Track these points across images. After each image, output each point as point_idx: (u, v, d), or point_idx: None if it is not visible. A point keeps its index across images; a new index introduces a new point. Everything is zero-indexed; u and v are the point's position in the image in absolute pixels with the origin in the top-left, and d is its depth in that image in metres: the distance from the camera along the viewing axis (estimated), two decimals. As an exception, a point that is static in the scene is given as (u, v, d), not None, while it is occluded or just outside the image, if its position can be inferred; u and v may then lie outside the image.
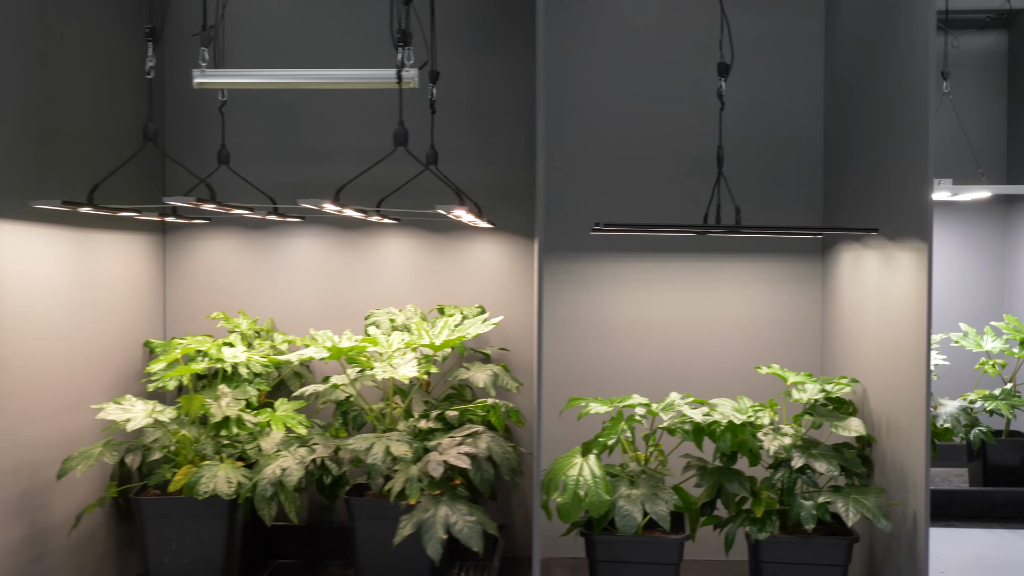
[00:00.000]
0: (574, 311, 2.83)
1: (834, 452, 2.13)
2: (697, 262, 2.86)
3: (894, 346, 2.27)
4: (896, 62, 2.35)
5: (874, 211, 2.55)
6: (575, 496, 2.04)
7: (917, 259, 2.16)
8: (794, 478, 2.12)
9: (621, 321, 2.85)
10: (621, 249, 2.84)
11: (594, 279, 2.83)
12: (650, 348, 2.84)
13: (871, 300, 2.48)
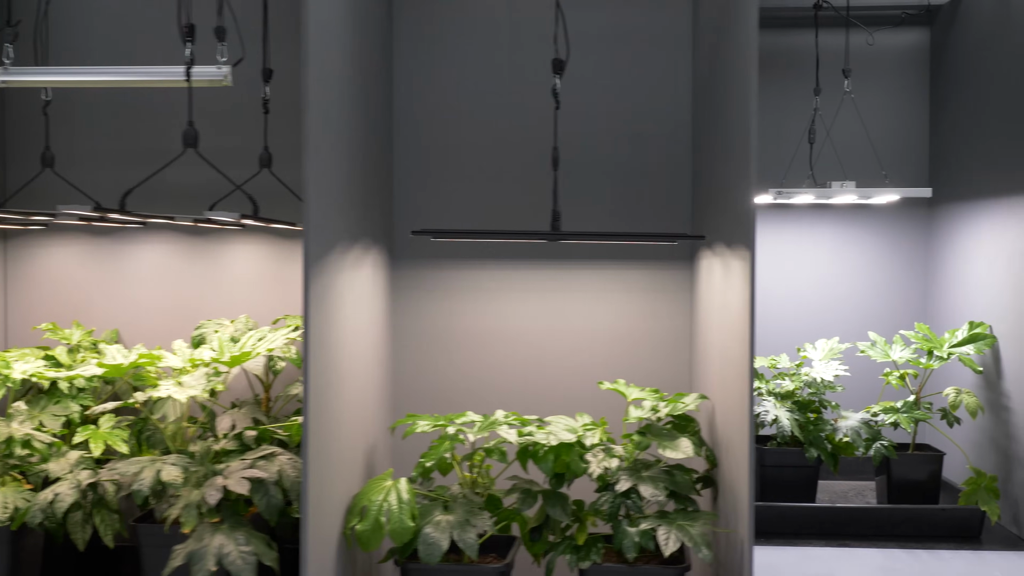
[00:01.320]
0: (427, 322, 2.72)
1: (664, 475, 2.00)
2: (562, 270, 2.74)
3: (728, 359, 2.15)
4: (728, 60, 2.24)
5: (715, 216, 2.45)
6: (376, 523, 1.93)
7: (743, 267, 2.04)
8: (618, 503, 1.99)
9: (480, 332, 2.73)
10: (479, 256, 2.72)
11: (450, 287, 2.72)
12: (511, 361, 2.72)
13: (716, 310, 2.36)
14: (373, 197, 2.37)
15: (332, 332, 1.91)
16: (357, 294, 2.17)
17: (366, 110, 2.28)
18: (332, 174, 1.91)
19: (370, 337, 2.34)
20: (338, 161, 1.95)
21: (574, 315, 2.73)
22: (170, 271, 2.80)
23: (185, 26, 2.06)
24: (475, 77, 2.76)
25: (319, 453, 1.80)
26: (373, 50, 2.40)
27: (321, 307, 1.82)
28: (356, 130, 2.15)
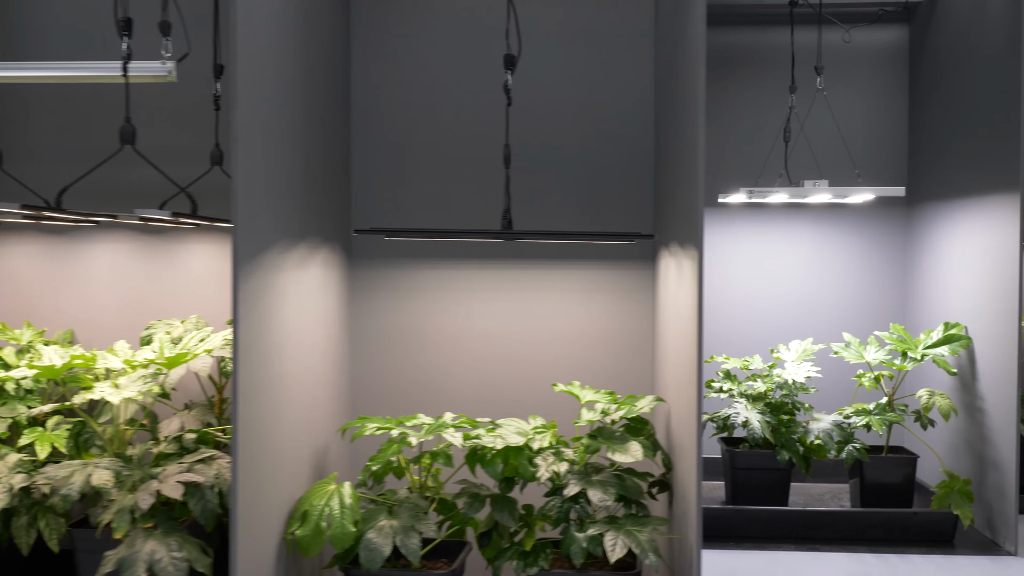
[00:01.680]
0: (387, 322, 2.66)
1: (615, 479, 1.95)
2: (524, 270, 2.68)
3: (679, 360, 2.10)
4: (682, 58, 2.20)
5: (670, 215, 2.40)
6: (316, 528, 1.89)
7: (692, 267, 1.99)
8: (566, 507, 1.94)
9: (440, 333, 2.67)
10: (440, 255, 2.66)
11: (410, 287, 2.66)
12: (471, 362, 2.66)
13: (671, 311, 2.31)
14: (324, 194, 2.32)
15: (270, 332, 1.87)
16: (304, 293, 2.13)
17: (315, 105, 2.23)
18: (269, 171, 1.86)
19: (321, 337, 2.29)
20: (276, 158, 1.91)
21: (536, 316, 2.68)
22: (126, 270, 2.76)
23: (121, 20, 2.02)
24: (439, 72, 2.72)
25: (253, 456, 1.75)
26: (325, 44, 2.35)
27: (255, 307, 1.77)
28: (302, 126, 2.10)
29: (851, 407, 3.00)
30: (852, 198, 3.17)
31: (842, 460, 2.90)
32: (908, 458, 2.99)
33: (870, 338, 3.13)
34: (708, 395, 3.07)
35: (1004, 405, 2.82)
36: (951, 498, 2.84)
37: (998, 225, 2.89)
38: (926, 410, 2.94)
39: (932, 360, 2.99)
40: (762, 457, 2.97)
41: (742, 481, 3.00)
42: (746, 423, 2.90)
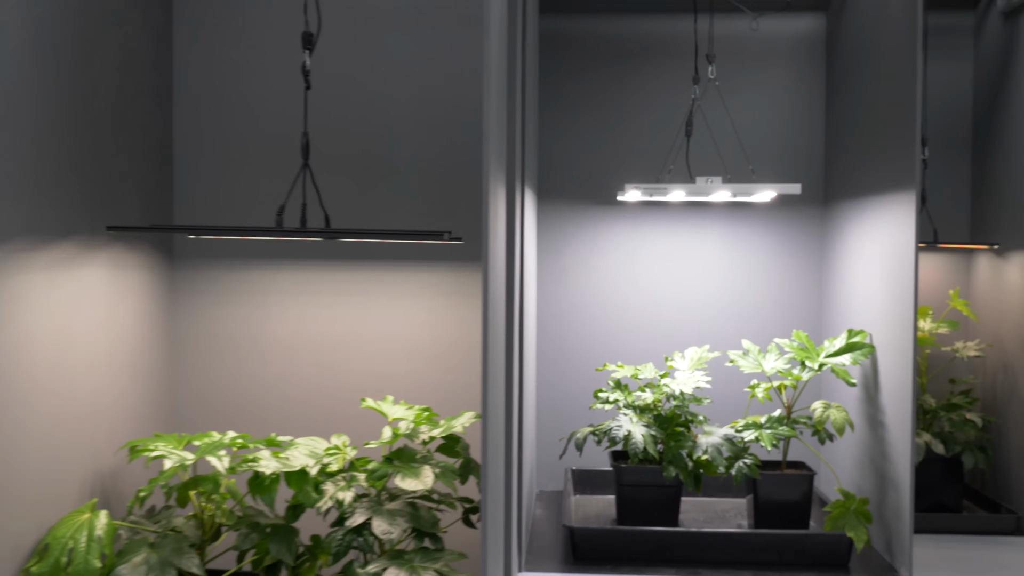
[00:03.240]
0: (212, 328, 2.47)
1: (408, 508, 1.77)
2: (348, 272, 2.48)
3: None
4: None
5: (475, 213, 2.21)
6: (56, 564, 1.70)
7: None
8: (348, 540, 1.75)
9: (266, 340, 2.47)
10: (264, 256, 2.47)
11: (235, 291, 2.46)
12: (294, 373, 2.45)
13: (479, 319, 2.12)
14: (113, 189, 2.13)
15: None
16: (70, 297, 1.93)
17: (93, 99, 2.04)
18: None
19: (111, 346, 2.10)
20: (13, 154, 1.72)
21: (363, 322, 2.48)
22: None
23: None
24: (266, 62, 2.52)
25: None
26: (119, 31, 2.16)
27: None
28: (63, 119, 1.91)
29: (743, 420, 2.81)
30: (753, 196, 2.97)
31: (741, 476, 2.71)
32: (804, 475, 2.80)
33: (770, 345, 2.93)
34: (593, 406, 2.88)
35: (901, 418, 2.63)
36: (846, 519, 2.64)
37: (896, 225, 2.70)
38: (819, 424, 2.74)
39: (831, 370, 2.79)
40: (650, 473, 2.78)
41: (628, 498, 2.81)
42: (628, 437, 2.71)
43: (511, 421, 2.17)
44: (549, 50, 3.40)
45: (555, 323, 3.40)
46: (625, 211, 3.39)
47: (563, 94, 3.39)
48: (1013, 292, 3.01)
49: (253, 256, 2.44)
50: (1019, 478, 2.94)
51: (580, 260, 3.40)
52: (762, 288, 3.38)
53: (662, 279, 3.39)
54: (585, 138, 3.40)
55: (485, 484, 1.47)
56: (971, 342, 3.16)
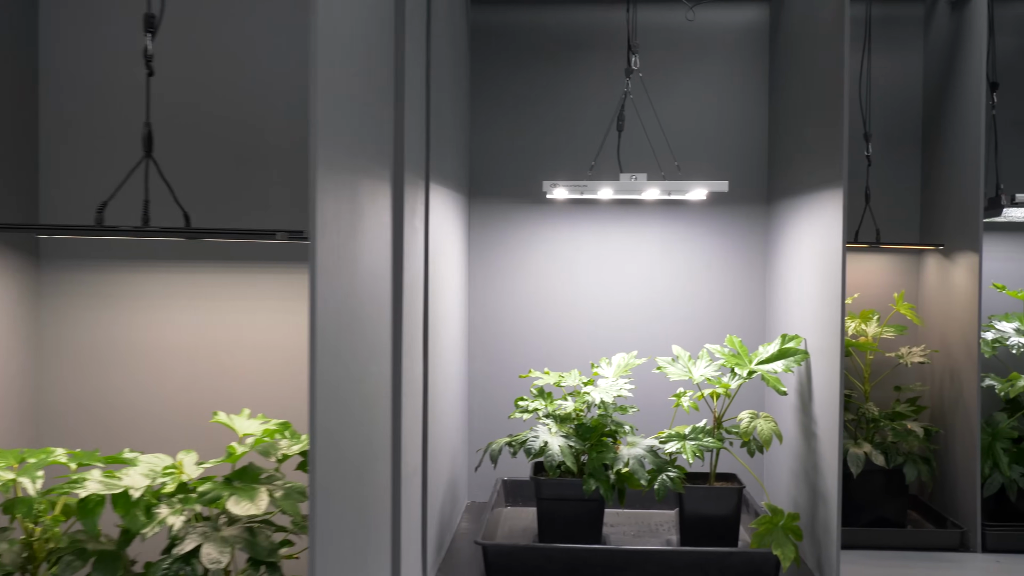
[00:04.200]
0: (81, 335, 2.30)
1: (246, 534, 1.62)
2: (211, 274, 2.32)
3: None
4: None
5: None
6: None
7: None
8: (174, 569, 1.60)
9: (139, 347, 2.31)
10: (132, 257, 2.30)
11: (105, 294, 2.30)
12: (159, 382, 2.27)
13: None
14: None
15: None
16: None
17: None
18: None
19: None
20: None
21: (232, 328, 2.31)
22: None
23: None
24: (137, 46, 2.36)
25: None
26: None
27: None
28: None
29: (668, 431, 2.66)
30: (682, 194, 2.83)
31: (663, 490, 2.56)
32: (732, 488, 2.65)
33: (701, 351, 2.79)
34: (513, 415, 2.73)
35: (830, 428, 2.48)
36: (773, 536, 2.49)
37: (827, 225, 2.55)
38: (745, 435, 2.60)
39: (761, 378, 2.65)
40: (570, 486, 2.63)
41: (549, 513, 2.66)
42: (544, 448, 2.56)
43: (399, 433, 2.03)
44: (482, 42, 3.26)
45: (488, 326, 3.25)
46: (558, 210, 3.25)
47: (496, 88, 3.25)
48: (959, 295, 2.86)
49: (119, 257, 2.29)
50: (965, 491, 2.79)
51: (513, 261, 3.26)
52: (705, 290, 3.23)
53: (599, 280, 3.25)
54: (518, 134, 3.26)
55: (313, 508, 1.33)
56: (917, 347, 3.01)
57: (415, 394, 2.23)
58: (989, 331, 2.94)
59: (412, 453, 2.21)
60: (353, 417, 1.58)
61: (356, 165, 1.62)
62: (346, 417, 1.54)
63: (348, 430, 1.54)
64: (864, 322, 2.98)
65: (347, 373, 1.54)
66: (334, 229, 1.47)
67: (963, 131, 2.86)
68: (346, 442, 1.53)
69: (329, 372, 1.43)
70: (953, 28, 2.96)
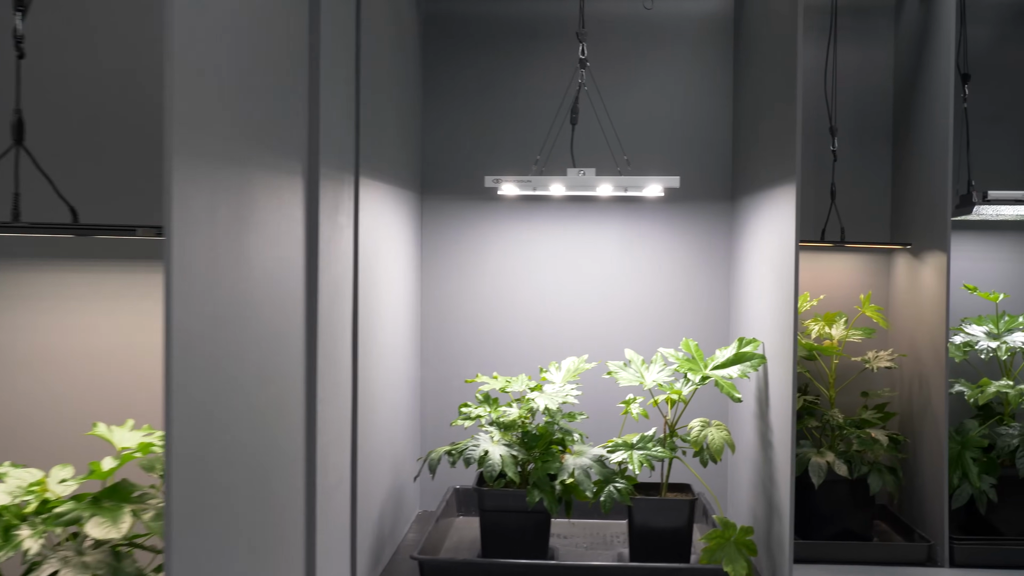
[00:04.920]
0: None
1: (111, 559, 1.49)
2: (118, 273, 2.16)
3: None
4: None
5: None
6: None
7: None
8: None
9: (32, 351, 2.15)
10: (17, 255, 2.14)
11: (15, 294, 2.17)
12: (54, 388, 2.11)
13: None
14: None
15: None
16: None
17: None
18: None
19: None
20: None
21: (128, 330, 2.15)
22: None
23: None
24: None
25: None
26: None
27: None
28: None
29: (617, 439, 2.53)
30: (634, 190, 2.70)
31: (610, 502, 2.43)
32: (684, 500, 2.52)
33: (655, 356, 2.66)
34: (455, 423, 2.61)
35: (783, 437, 2.35)
36: (724, 551, 2.36)
37: (782, 222, 2.42)
38: (695, 444, 2.47)
39: (715, 383, 2.52)
40: (514, 497, 2.50)
41: (492, 525, 2.53)
42: (484, 457, 2.43)
43: (313, 443, 1.90)
44: (435, 33, 3.13)
45: (442, 328, 3.13)
46: (514, 207, 3.12)
47: (450, 80, 3.13)
48: (927, 297, 2.73)
49: (12, 256, 2.15)
50: (933, 503, 2.65)
51: (468, 260, 3.13)
52: (667, 291, 3.10)
53: (556, 280, 3.12)
54: (474, 128, 3.13)
55: (168, 527, 1.20)
56: (884, 351, 2.88)
57: (340, 401, 2.11)
58: (959, 335, 2.81)
59: (336, 463, 2.09)
60: (238, 427, 1.46)
61: (243, 156, 1.49)
62: (225, 428, 1.41)
63: (229, 442, 1.42)
64: (829, 325, 2.85)
65: (228, 381, 1.41)
66: (207, 225, 1.35)
67: (932, 125, 2.73)
68: (224, 455, 1.41)
69: (200, 379, 1.31)
70: (923, 18, 2.82)
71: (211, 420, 1.35)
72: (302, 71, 1.84)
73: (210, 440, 1.34)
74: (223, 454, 1.40)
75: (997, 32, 3.10)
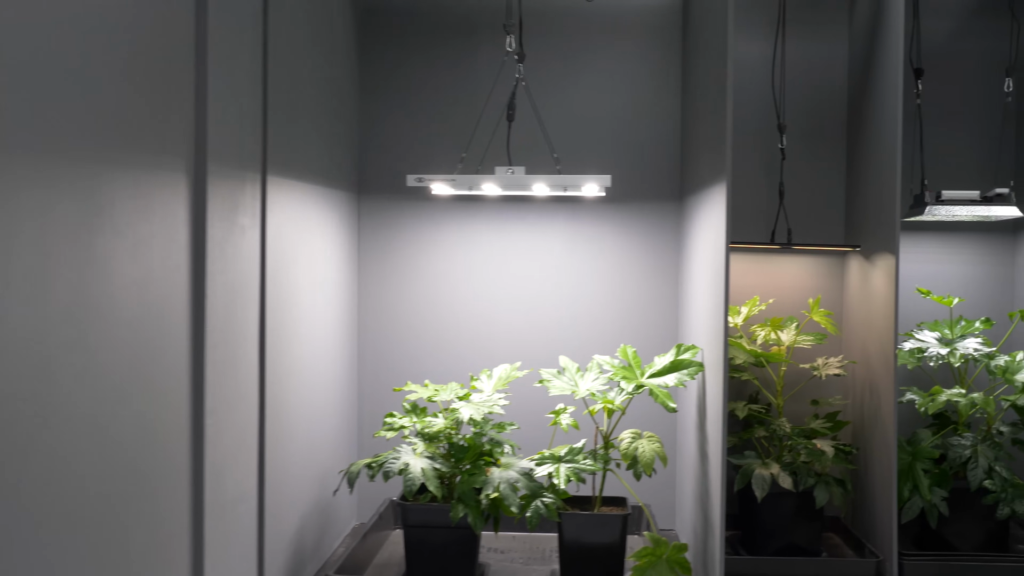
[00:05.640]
0: None
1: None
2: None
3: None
4: None
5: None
6: None
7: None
8: None
9: None
10: None
11: None
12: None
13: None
14: None
15: None
16: None
17: None
18: None
19: None
20: None
21: None
22: None
23: None
24: None
25: None
26: None
27: None
28: None
29: (546, 451, 2.42)
30: (572, 190, 2.58)
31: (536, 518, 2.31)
32: (615, 515, 2.40)
33: (590, 363, 2.54)
34: (378, 434, 2.49)
35: (716, 448, 2.24)
36: (656, 568, 2.25)
37: (716, 222, 2.31)
38: (626, 457, 2.35)
39: (649, 393, 2.40)
40: (438, 512, 2.39)
41: (416, 542, 2.42)
42: (404, 470, 2.32)
43: (200, 458, 1.79)
44: (375, 28, 3.01)
45: (381, 334, 3.01)
46: (453, 208, 3.00)
47: (390, 77, 3.01)
48: (878, 301, 2.61)
49: None
50: (883, 516, 2.53)
51: (407, 263, 3.01)
52: (614, 294, 2.98)
53: (498, 283, 2.99)
54: (415, 126, 3.01)
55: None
56: (834, 358, 2.76)
57: (242, 412, 1.99)
58: (909, 340, 2.69)
59: (238, 476, 1.97)
60: (92, 437, 1.34)
61: (93, 154, 1.38)
62: (66, 444, 1.30)
63: (75, 458, 1.31)
64: (776, 330, 2.73)
65: (62, 387, 1.30)
66: (34, 226, 1.23)
67: (882, 122, 2.61)
68: (65, 471, 1.29)
69: (25, 384, 1.20)
70: (874, 10, 2.71)
71: (34, 424, 1.24)
72: (187, 66, 1.73)
73: (33, 448, 1.23)
74: (56, 465, 1.28)
75: (956, 25, 2.98)
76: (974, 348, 2.58)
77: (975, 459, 2.52)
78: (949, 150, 2.93)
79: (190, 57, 1.74)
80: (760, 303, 2.83)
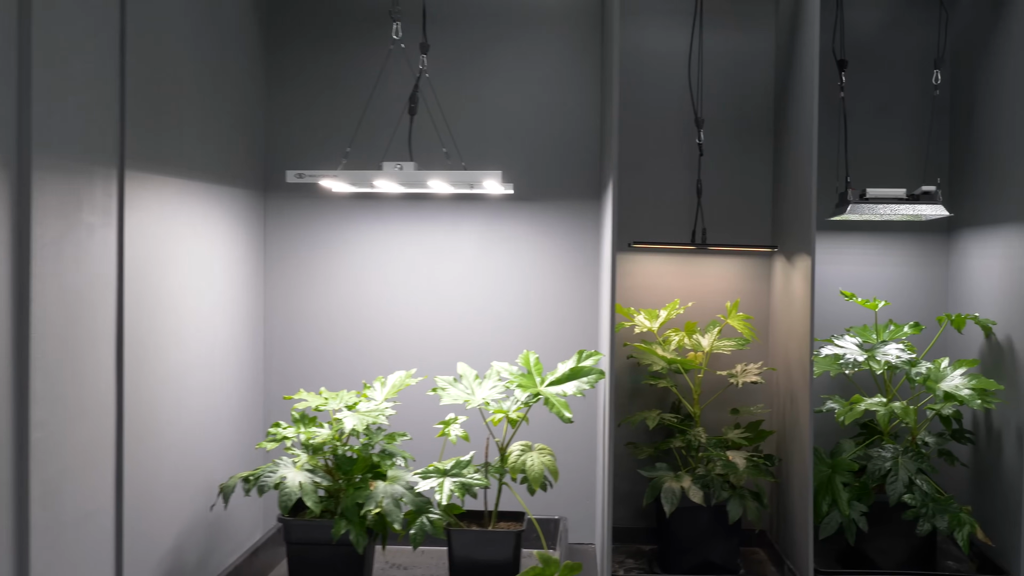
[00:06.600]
0: None
1: None
2: None
3: None
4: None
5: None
6: None
7: None
8: None
9: None
10: None
11: None
12: None
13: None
14: None
15: None
16: None
17: None
18: None
19: None
20: None
21: None
22: None
23: None
24: None
25: None
26: None
27: None
28: None
29: (435, 464, 2.28)
30: (473, 187, 2.45)
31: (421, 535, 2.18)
32: (507, 532, 2.27)
33: (489, 371, 2.40)
34: (261, 445, 2.35)
35: (607, 459, 2.10)
36: (544, 589, 2.11)
37: (607, 221, 2.18)
38: (515, 471, 2.22)
39: (545, 402, 2.26)
40: (321, 529, 2.25)
41: (299, 560, 2.28)
42: (280, 484, 2.18)
43: (25, 473, 1.65)
44: (281, 18, 2.87)
45: (287, 340, 2.86)
46: (360, 207, 2.86)
47: (299, 70, 2.86)
48: (798, 305, 2.48)
49: None
50: (801, 531, 2.39)
51: (314, 265, 2.87)
52: (528, 297, 2.83)
53: (407, 286, 2.85)
54: (325, 121, 2.87)
55: None
56: (753, 365, 2.63)
57: (89, 424, 1.86)
58: (827, 346, 2.56)
59: (84, 493, 1.84)
60: None
61: None
62: None
63: None
64: (691, 335, 2.60)
65: None
66: None
67: (800, 116, 2.48)
68: None
69: None
70: (797, 0, 2.58)
71: None
72: (6, 57, 1.60)
73: None
74: None
75: (885, 16, 2.85)
76: (895, 355, 2.45)
77: (895, 472, 2.39)
78: (878, 146, 2.80)
79: (11, 49, 1.61)
80: (680, 306, 2.70)
